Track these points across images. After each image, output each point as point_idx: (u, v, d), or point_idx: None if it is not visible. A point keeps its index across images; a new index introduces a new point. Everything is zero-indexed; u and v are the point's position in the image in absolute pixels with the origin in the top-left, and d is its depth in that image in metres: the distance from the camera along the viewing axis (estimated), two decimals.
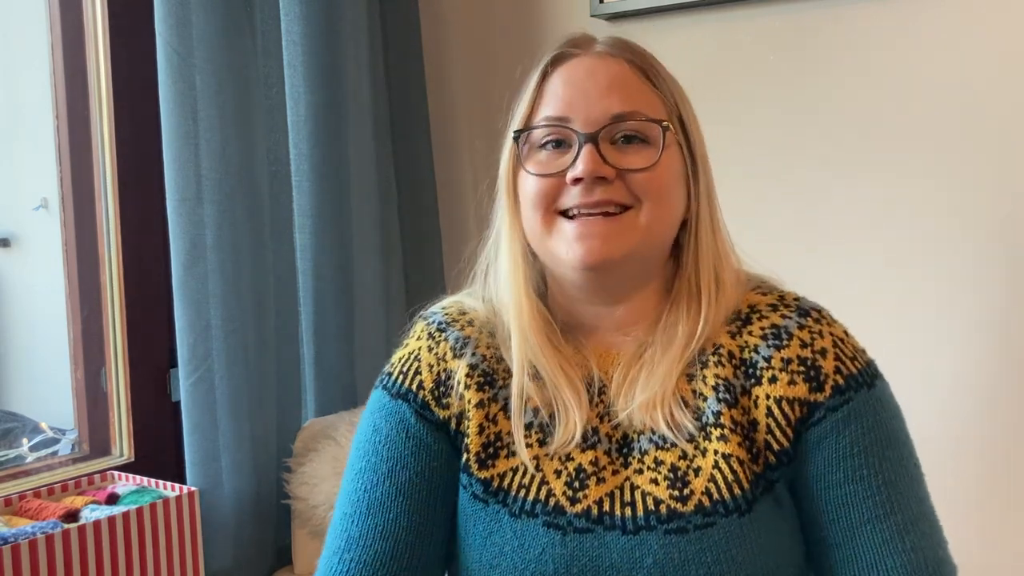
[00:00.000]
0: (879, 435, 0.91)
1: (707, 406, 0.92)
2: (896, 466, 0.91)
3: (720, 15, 1.89)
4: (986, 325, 1.69)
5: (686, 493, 0.89)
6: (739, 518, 0.88)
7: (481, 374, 0.96)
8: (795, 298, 0.98)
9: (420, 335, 1.02)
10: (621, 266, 0.92)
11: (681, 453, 0.91)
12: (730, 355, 0.94)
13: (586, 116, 0.93)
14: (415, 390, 0.98)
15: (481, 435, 0.95)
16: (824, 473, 0.91)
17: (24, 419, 2.24)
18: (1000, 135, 1.66)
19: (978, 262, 1.69)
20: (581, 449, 0.93)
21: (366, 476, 0.96)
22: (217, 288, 1.71)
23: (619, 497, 0.91)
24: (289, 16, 1.85)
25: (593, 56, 0.96)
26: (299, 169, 1.89)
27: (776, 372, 0.91)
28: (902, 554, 0.89)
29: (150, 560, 1.53)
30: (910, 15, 1.72)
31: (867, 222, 1.78)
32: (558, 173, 0.93)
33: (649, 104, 0.95)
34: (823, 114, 1.81)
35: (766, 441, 0.90)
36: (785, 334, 0.93)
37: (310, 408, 1.94)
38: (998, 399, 1.69)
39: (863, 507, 0.90)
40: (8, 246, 2.67)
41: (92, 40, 1.76)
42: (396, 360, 1.02)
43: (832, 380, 0.91)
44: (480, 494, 0.94)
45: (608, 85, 0.94)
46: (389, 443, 0.97)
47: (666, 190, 0.94)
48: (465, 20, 2.21)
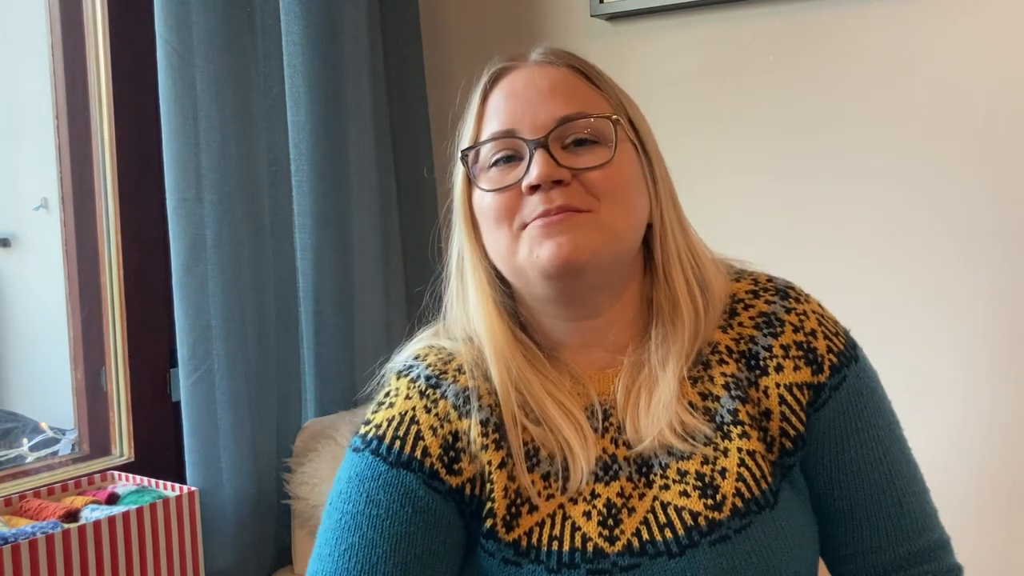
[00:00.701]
0: (874, 405, 0.94)
1: (721, 405, 0.91)
2: (890, 432, 0.95)
3: (720, 15, 1.89)
4: (987, 327, 1.69)
5: (719, 499, 0.87)
6: (771, 511, 0.88)
7: (494, 428, 0.90)
8: (768, 279, 0.98)
9: (409, 394, 0.93)
10: (589, 270, 0.88)
11: (703, 459, 0.89)
12: (729, 350, 0.93)
13: (532, 123, 0.90)
14: (420, 458, 0.89)
15: (506, 497, 0.88)
16: (836, 451, 0.92)
17: (24, 419, 2.24)
18: (1001, 135, 1.66)
19: (978, 263, 1.69)
20: (605, 483, 0.89)
21: (363, 554, 0.86)
22: (217, 288, 1.71)
23: (654, 521, 0.88)
24: (289, 16, 1.85)
25: (531, 66, 0.94)
26: (299, 169, 1.89)
27: (780, 360, 0.92)
28: (902, 517, 0.93)
29: (150, 560, 1.53)
30: (910, 15, 1.72)
31: (867, 221, 1.78)
32: (512, 186, 0.89)
33: (594, 104, 0.92)
34: (823, 114, 1.81)
35: (782, 428, 0.91)
36: (776, 321, 0.93)
37: (310, 408, 1.94)
38: (997, 401, 1.69)
39: (872, 477, 0.93)
40: (8, 246, 2.67)
41: (92, 40, 1.76)
42: (383, 422, 0.92)
43: (828, 360, 0.92)
44: (512, 557, 0.88)
45: (550, 90, 0.91)
46: (392, 518, 0.87)
47: (624, 187, 0.91)
48: (465, 20, 2.21)
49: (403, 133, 2.14)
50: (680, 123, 1.91)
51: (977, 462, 1.71)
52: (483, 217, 0.92)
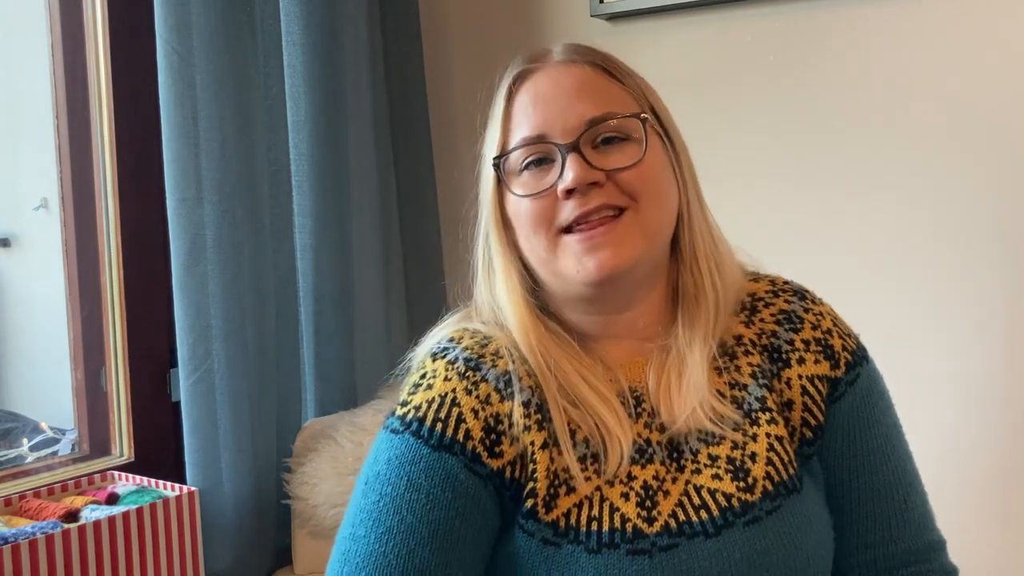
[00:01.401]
0: (883, 405, 0.99)
1: (749, 393, 0.94)
2: (897, 431, 1.00)
3: (720, 15, 1.89)
4: (984, 326, 1.69)
5: (750, 482, 0.90)
6: (797, 496, 0.91)
7: (536, 410, 0.90)
8: (784, 281, 1.02)
9: (448, 375, 0.93)
10: (632, 273, 0.91)
11: (732, 444, 0.92)
12: (752, 343, 0.96)
13: (562, 127, 0.91)
14: (462, 440, 0.89)
15: (547, 477, 0.89)
16: (849, 443, 0.96)
17: (24, 419, 2.24)
18: (1002, 134, 1.66)
19: (978, 262, 1.69)
20: (641, 466, 0.91)
21: (402, 539, 0.85)
22: (217, 288, 1.71)
23: (689, 503, 0.90)
24: (289, 16, 1.85)
25: (554, 66, 0.95)
26: (299, 169, 1.89)
27: (802, 353, 0.96)
28: (906, 513, 0.97)
29: (150, 560, 1.53)
30: (911, 15, 1.72)
31: (867, 221, 1.78)
32: (548, 190, 0.91)
33: (621, 102, 0.94)
34: (823, 114, 1.81)
35: (803, 418, 0.94)
36: (796, 318, 0.97)
37: (310, 408, 1.94)
38: (994, 400, 1.69)
39: (881, 473, 0.97)
40: (8, 246, 2.67)
41: (92, 40, 1.76)
42: (422, 403, 0.92)
43: (843, 356, 0.97)
44: (551, 538, 0.88)
45: (577, 91, 0.92)
46: (432, 503, 0.86)
47: (657, 183, 0.93)
48: (465, 20, 2.21)
49: (403, 133, 2.14)
50: (680, 123, 1.90)
51: (974, 463, 1.71)
52: (518, 221, 0.94)
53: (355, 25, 1.96)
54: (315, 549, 1.80)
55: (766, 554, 0.88)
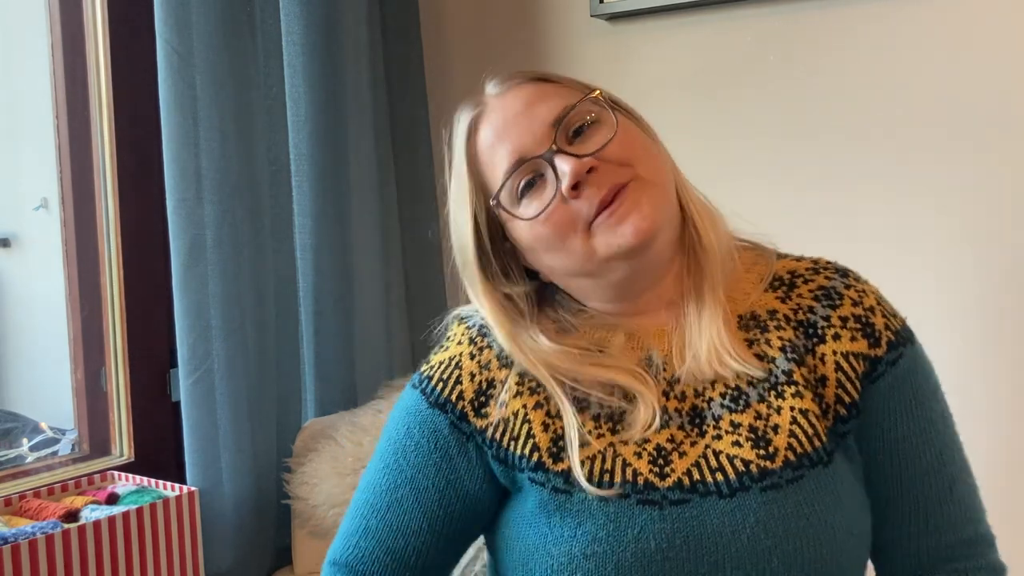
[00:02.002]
0: (929, 388, 0.97)
1: (776, 366, 0.94)
2: (943, 418, 0.97)
3: (720, 15, 1.89)
4: (985, 324, 1.69)
5: (771, 451, 0.90)
6: (824, 468, 0.90)
7: (532, 379, 0.96)
8: (828, 261, 1.02)
9: (460, 339, 1.01)
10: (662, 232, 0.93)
11: (755, 414, 0.92)
12: (786, 318, 0.96)
13: (532, 140, 0.93)
14: (454, 400, 0.97)
15: (547, 432, 0.94)
16: (890, 427, 0.94)
17: (24, 419, 2.24)
18: (1002, 134, 1.66)
19: (977, 262, 1.69)
20: (656, 431, 0.93)
21: (391, 474, 0.98)
22: (217, 288, 1.71)
23: (706, 465, 0.91)
24: (289, 16, 1.85)
25: (494, 99, 0.98)
26: (299, 169, 1.89)
27: (838, 330, 0.95)
28: (951, 503, 0.95)
29: (150, 560, 1.53)
30: (911, 15, 1.72)
31: (867, 221, 1.78)
32: (555, 198, 0.92)
33: (568, 95, 0.96)
34: (823, 114, 1.81)
35: (836, 395, 0.93)
36: (835, 294, 0.97)
37: (310, 408, 1.94)
38: (997, 398, 1.69)
39: (923, 459, 0.94)
40: (8, 246, 2.67)
41: (92, 40, 1.76)
42: (436, 363, 1.01)
43: (885, 336, 0.95)
44: (562, 486, 0.92)
45: (527, 106, 0.95)
46: (418, 450, 0.98)
47: (643, 146, 0.95)
48: (465, 20, 2.21)
49: (403, 133, 2.14)
50: (680, 123, 1.91)
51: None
52: (540, 243, 0.95)
53: (355, 25, 1.96)
54: (315, 549, 1.80)
55: (784, 520, 0.87)
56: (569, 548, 0.90)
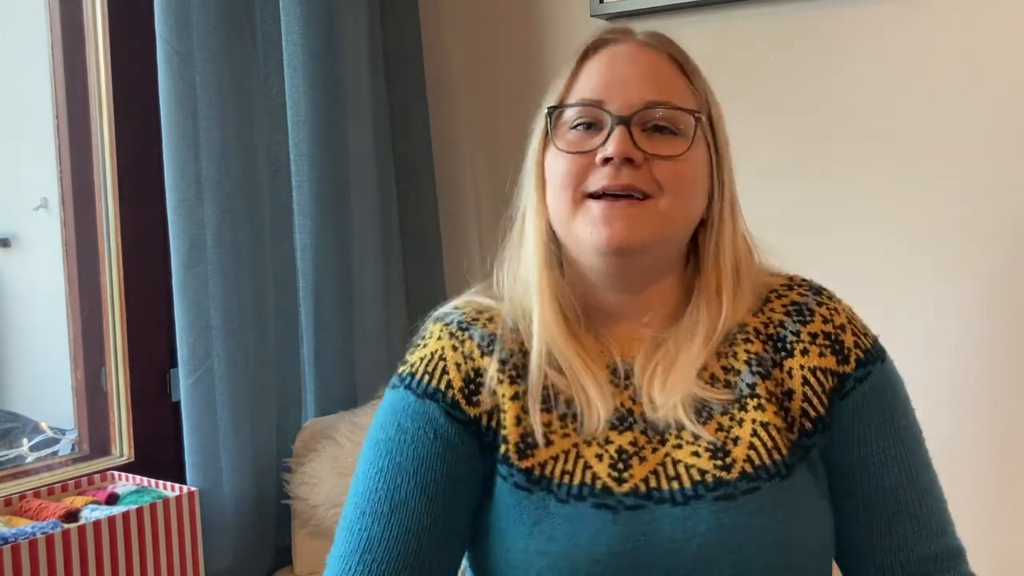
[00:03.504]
0: (897, 405, 0.97)
1: (741, 379, 0.94)
2: (912, 434, 0.97)
3: (720, 15, 1.89)
4: (987, 323, 1.69)
5: (728, 462, 0.90)
6: (781, 482, 0.90)
7: (512, 368, 0.97)
8: (803, 279, 1.03)
9: (440, 335, 1.01)
10: (641, 253, 0.94)
11: (717, 426, 0.93)
12: (756, 331, 0.97)
13: (622, 100, 0.94)
14: (443, 389, 0.97)
15: (519, 426, 0.95)
16: (858, 444, 0.94)
17: (24, 419, 2.24)
18: (1001, 133, 1.66)
19: (978, 260, 1.69)
20: (619, 432, 0.94)
21: (390, 476, 0.94)
22: (217, 288, 1.71)
23: (663, 473, 0.91)
24: (289, 16, 1.86)
25: (633, 44, 0.99)
26: (299, 169, 1.89)
27: (807, 345, 0.95)
28: (920, 519, 0.94)
29: (150, 560, 1.53)
30: (910, 14, 1.72)
31: (866, 221, 1.78)
32: (588, 152, 0.94)
33: (683, 96, 0.97)
34: (823, 114, 1.81)
35: (802, 409, 0.94)
36: (807, 310, 0.98)
37: (310, 408, 1.94)
38: (996, 398, 1.69)
39: (890, 475, 0.95)
40: (8, 246, 2.67)
41: (92, 40, 1.76)
42: (417, 361, 1.00)
43: (855, 353, 0.96)
44: (523, 483, 0.93)
45: (646, 73, 0.96)
46: (416, 443, 0.95)
47: (689, 182, 0.95)
48: (465, 20, 2.21)
49: (403, 133, 2.14)
50: None
51: (972, 462, 1.71)
52: (552, 175, 0.97)
53: (355, 25, 1.96)
54: (315, 549, 1.80)
55: (735, 531, 0.88)
56: (526, 546, 0.91)
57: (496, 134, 2.18)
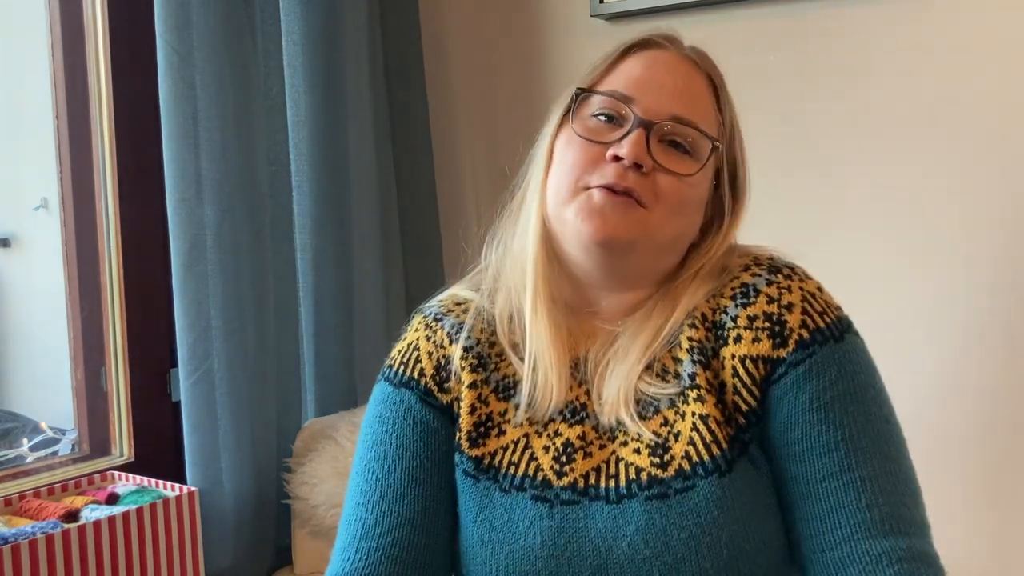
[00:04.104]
0: (843, 389, 0.89)
1: (683, 369, 0.92)
2: (859, 421, 0.89)
3: (720, 15, 1.89)
4: (986, 324, 1.69)
5: (666, 459, 0.90)
6: (719, 478, 0.88)
7: (475, 356, 0.99)
8: (768, 257, 0.98)
9: (417, 327, 1.04)
10: (624, 252, 0.93)
11: (663, 420, 0.92)
12: (703, 317, 0.94)
13: (650, 104, 0.94)
14: (417, 378, 1.00)
15: (472, 415, 0.97)
16: (784, 430, 0.89)
17: (24, 419, 2.24)
18: (1001, 133, 1.66)
19: (977, 261, 1.69)
20: (569, 424, 0.95)
21: (377, 465, 0.97)
22: (217, 288, 1.71)
23: (605, 470, 0.92)
24: (289, 16, 1.85)
25: (679, 55, 0.99)
26: (299, 169, 1.89)
27: (741, 331, 0.92)
28: (856, 511, 0.86)
29: (150, 560, 1.53)
30: (910, 15, 1.72)
31: (866, 221, 1.78)
32: (602, 144, 0.93)
33: (708, 120, 0.97)
34: (823, 114, 1.81)
35: (734, 402, 0.90)
36: (753, 291, 0.93)
37: (310, 408, 1.94)
38: (996, 398, 1.69)
39: (820, 463, 0.88)
40: (8, 246, 2.67)
41: (92, 40, 1.76)
42: (396, 353, 1.04)
43: (797, 334, 0.90)
44: (471, 471, 0.95)
45: (682, 87, 0.96)
46: (397, 431, 0.98)
47: (686, 205, 0.95)
48: (465, 20, 2.21)
49: (403, 133, 2.14)
50: None
51: (968, 457, 1.71)
52: (560, 157, 0.96)
53: (355, 25, 1.96)
54: (315, 549, 1.80)
55: (664, 531, 0.87)
56: (471, 533, 0.93)
57: (496, 134, 2.18)
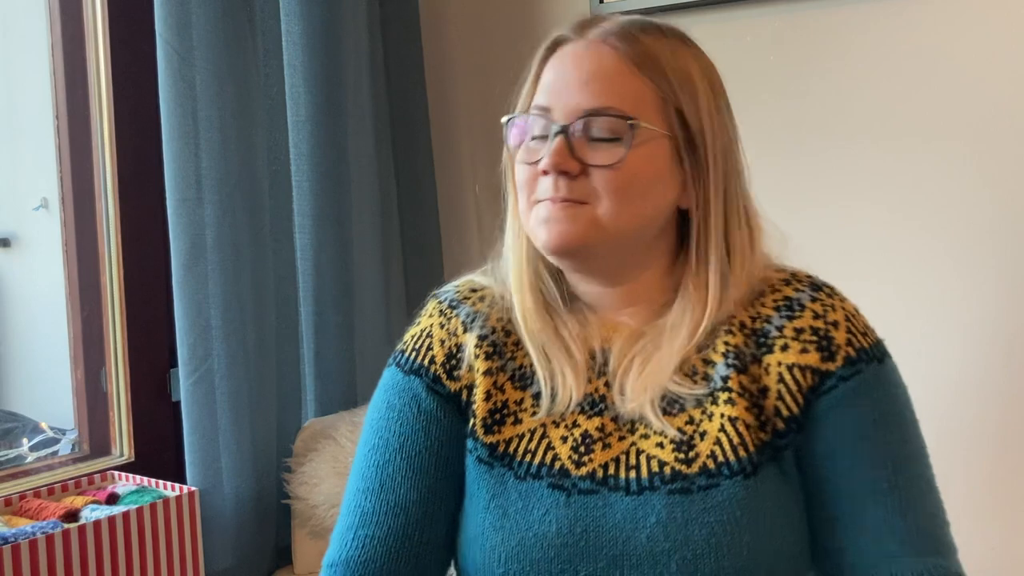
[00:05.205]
0: (887, 410, 0.92)
1: (715, 372, 0.92)
2: (902, 443, 0.92)
3: (720, 15, 1.89)
4: (986, 323, 1.69)
5: (691, 456, 0.89)
6: (744, 480, 0.88)
7: (490, 345, 0.99)
8: (807, 275, 0.99)
9: (432, 312, 1.04)
10: (584, 254, 0.92)
11: (688, 418, 0.91)
12: (741, 325, 0.94)
13: (563, 107, 0.92)
14: (427, 364, 1.00)
15: (488, 401, 0.97)
16: (832, 445, 0.90)
17: (24, 419, 2.24)
18: (1000, 132, 1.66)
19: (978, 262, 1.69)
20: (587, 416, 0.94)
21: (379, 452, 0.98)
22: (217, 288, 1.71)
23: (624, 462, 0.91)
24: (289, 16, 1.85)
25: (584, 43, 0.96)
26: (299, 169, 1.89)
27: (788, 341, 0.92)
28: (901, 532, 0.88)
29: (150, 560, 1.53)
30: (910, 14, 1.72)
31: (866, 222, 1.78)
32: (535, 163, 0.93)
33: (632, 97, 0.91)
34: (823, 114, 1.81)
35: (775, 407, 0.90)
36: (798, 305, 0.94)
37: (310, 408, 1.94)
38: (1002, 401, 1.69)
39: (866, 481, 0.90)
40: (8, 246, 2.67)
41: (92, 40, 1.76)
42: (408, 338, 1.04)
43: (844, 351, 0.91)
44: (485, 458, 0.95)
45: (588, 77, 0.92)
46: (401, 419, 0.99)
47: (631, 188, 0.91)
48: (465, 20, 2.21)
49: (403, 133, 2.14)
50: None
51: (972, 459, 1.71)
52: (516, 179, 0.97)
53: (355, 25, 1.96)
54: (315, 549, 1.80)
55: (685, 525, 0.87)
56: (483, 519, 0.93)
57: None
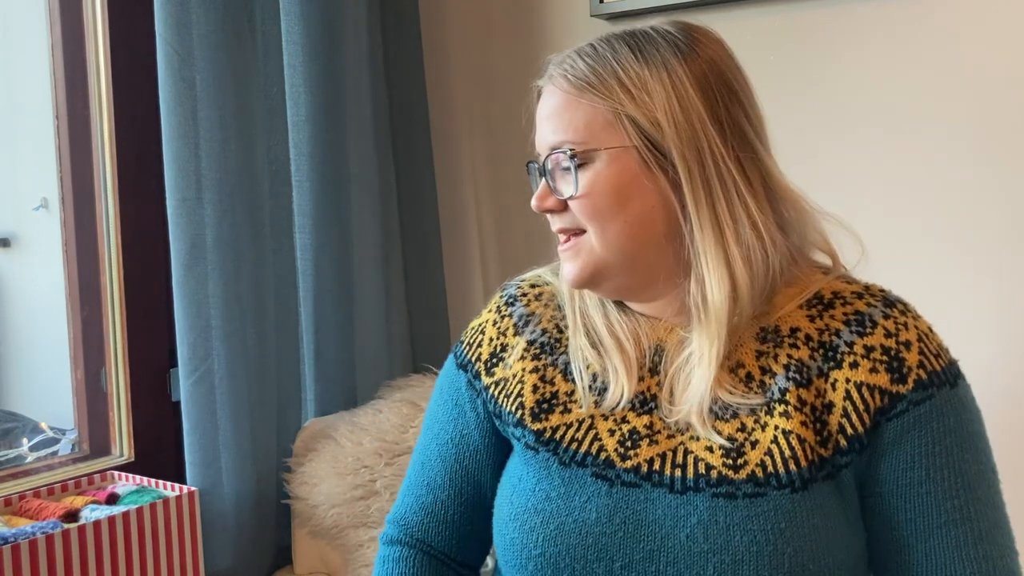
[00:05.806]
0: (960, 436, 0.89)
1: (775, 383, 0.91)
2: (975, 470, 0.90)
3: (720, 15, 1.89)
4: (986, 323, 1.69)
5: (740, 463, 0.89)
6: (792, 494, 0.87)
7: (539, 347, 1.02)
8: (880, 289, 0.97)
9: (491, 307, 1.09)
10: (600, 282, 0.96)
11: (740, 425, 0.90)
12: (807, 338, 0.92)
13: (541, 147, 0.98)
14: (473, 361, 1.06)
15: (535, 393, 1.00)
16: (903, 470, 0.89)
17: (24, 419, 2.24)
18: (1001, 132, 1.66)
19: (983, 261, 1.69)
20: (637, 413, 0.95)
21: (425, 434, 1.09)
22: (217, 288, 1.71)
23: (671, 459, 0.92)
24: (289, 16, 1.85)
25: (547, 85, 0.98)
26: (299, 169, 1.89)
27: (858, 358, 0.89)
28: (974, 562, 0.87)
29: (150, 560, 1.54)
30: (910, 14, 1.72)
31: (868, 220, 1.77)
32: None
33: (580, 124, 0.92)
34: (823, 114, 1.81)
35: (840, 424, 0.89)
36: (869, 322, 0.91)
37: (310, 408, 1.94)
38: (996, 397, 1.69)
39: (940, 509, 0.88)
40: (8, 246, 2.67)
41: (92, 40, 1.76)
42: (470, 328, 1.10)
43: (915, 373, 0.89)
44: (532, 443, 0.98)
45: (549, 114, 0.96)
46: (443, 408, 1.08)
47: (605, 208, 0.92)
48: (465, 20, 2.21)
49: (403, 133, 2.14)
50: None
51: None
52: None
53: (355, 25, 1.96)
54: (315, 549, 1.80)
55: (727, 529, 0.86)
56: (526, 501, 0.96)
57: (496, 134, 2.18)
